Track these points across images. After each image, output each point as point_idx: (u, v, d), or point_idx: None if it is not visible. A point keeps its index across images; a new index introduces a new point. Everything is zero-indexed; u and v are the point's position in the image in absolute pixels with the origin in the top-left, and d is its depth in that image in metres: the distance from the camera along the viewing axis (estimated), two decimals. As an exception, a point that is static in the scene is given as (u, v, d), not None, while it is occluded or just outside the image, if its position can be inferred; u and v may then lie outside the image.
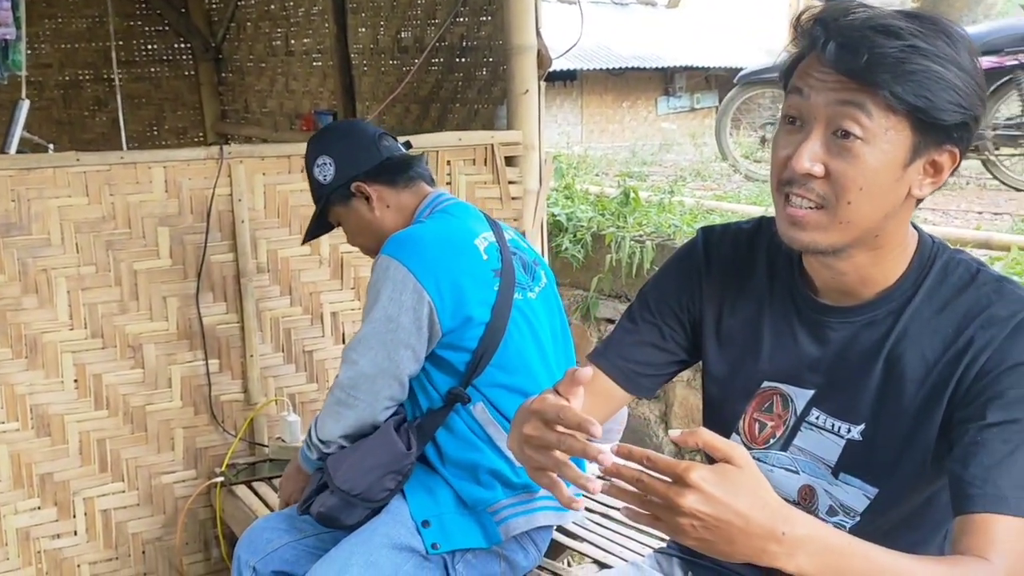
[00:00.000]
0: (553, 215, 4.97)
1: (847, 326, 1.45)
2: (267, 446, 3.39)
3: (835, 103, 1.30)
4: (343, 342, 3.51)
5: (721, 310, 1.59)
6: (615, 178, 6.44)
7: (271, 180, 3.34)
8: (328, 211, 2.57)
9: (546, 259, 3.87)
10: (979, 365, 1.33)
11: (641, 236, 4.62)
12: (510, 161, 3.70)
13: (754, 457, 1.49)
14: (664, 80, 14.16)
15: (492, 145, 3.65)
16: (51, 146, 3.40)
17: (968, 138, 1.34)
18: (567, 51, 4.00)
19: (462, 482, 2.40)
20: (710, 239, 1.63)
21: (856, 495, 1.45)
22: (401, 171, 2.53)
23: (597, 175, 7.45)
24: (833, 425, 1.46)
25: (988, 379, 1.32)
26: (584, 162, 8.22)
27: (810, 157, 1.31)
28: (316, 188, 2.56)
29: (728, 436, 1.56)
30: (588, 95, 13.73)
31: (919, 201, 1.39)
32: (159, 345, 3.23)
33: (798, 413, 1.49)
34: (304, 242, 2.77)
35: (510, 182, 3.69)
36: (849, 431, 1.45)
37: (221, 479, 3.28)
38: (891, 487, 1.42)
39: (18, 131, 3.26)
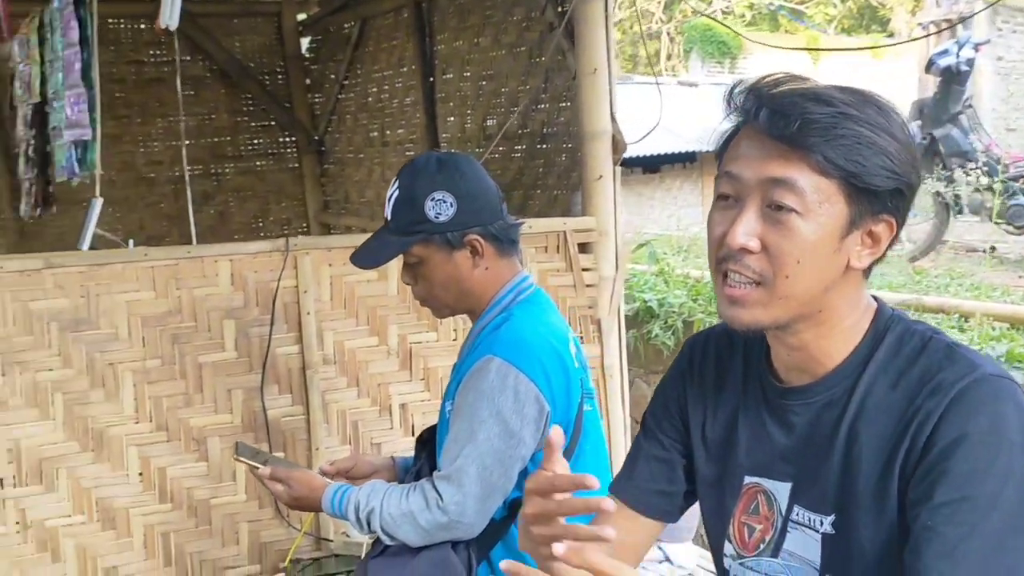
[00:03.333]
0: (645, 301, 4.85)
1: (807, 408, 1.37)
2: (332, 541, 3.33)
3: (768, 178, 1.27)
4: (412, 434, 3.45)
5: (705, 415, 1.53)
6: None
7: (337, 272, 3.33)
8: (412, 247, 2.27)
9: (624, 347, 3.76)
10: (925, 436, 1.24)
11: (732, 322, 4.46)
12: (584, 248, 3.62)
13: (747, 567, 1.41)
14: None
15: (564, 232, 3.58)
16: (130, 242, 3.46)
17: (904, 208, 1.30)
18: (645, 136, 3.91)
19: None
20: (695, 346, 1.59)
21: None
22: (513, 240, 2.34)
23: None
24: (810, 519, 1.35)
25: (934, 452, 1.22)
26: (695, 244, 8.09)
27: (745, 232, 1.27)
28: (419, 221, 2.22)
29: (721, 545, 1.48)
30: (708, 176, 13.66)
31: (866, 273, 1.34)
32: (224, 438, 3.22)
33: (783, 512, 1.39)
34: (368, 267, 2.41)
35: (584, 269, 3.60)
36: (822, 524, 1.34)
37: (284, 575, 3.23)
38: None
39: (91, 228, 3.34)
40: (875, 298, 1.40)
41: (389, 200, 2.30)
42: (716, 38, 22.40)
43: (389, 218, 2.30)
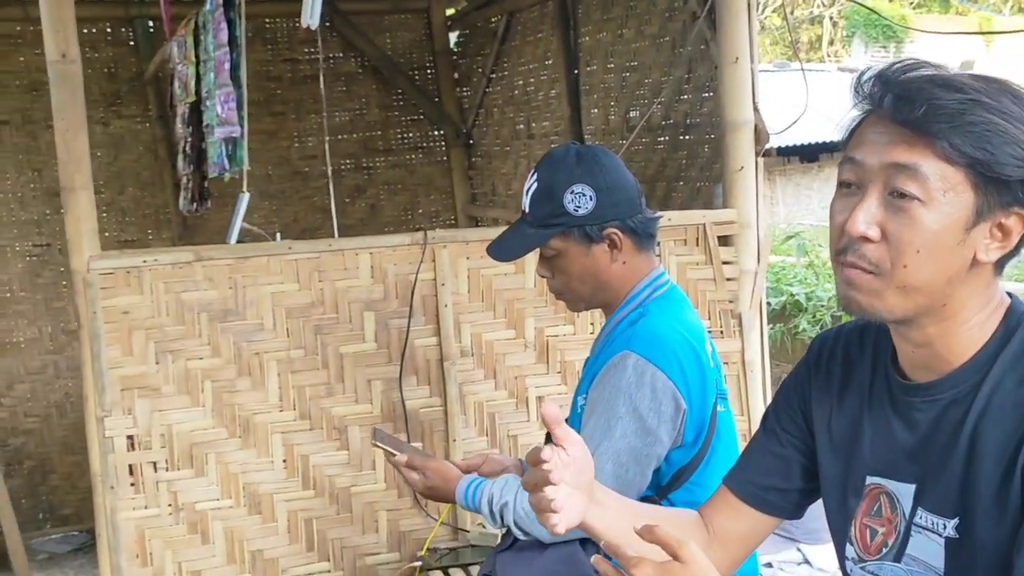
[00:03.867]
0: (792, 294, 4.72)
1: (931, 405, 1.32)
2: (469, 531, 3.36)
3: (891, 163, 1.22)
4: (549, 427, 3.45)
5: (830, 412, 1.49)
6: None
7: (475, 264, 3.36)
8: (550, 240, 2.27)
9: (767, 342, 3.68)
10: None
11: (884, 317, 4.30)
12: (725, 241, 3.55)
13: (869, 572, 1.35)
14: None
15: (704, 225, 3.52)
16: (277, 235, 3.58)
17: None
18: (790, 126, 3.81)
19: None
20: (823, 344, 1.55)
21: None
22: (651, 234, 2.33)
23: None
24: (933, 523, 1.30)
25: None
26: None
27: (865, 220, 1.24)
28: (558, 214, 2.23)
29: (844, 547, 1.44)
30: (869, 165, 13.22)
31: (998, 268, 1.27)
32: (364, 427, 3.29)
33: (907, 516, 1.34)
34: (505, 260, 2.44)
35: (724, 262, 3.53)
36: (945, 528, 1.28)
37: (421, 563, 3.27)
38: None
39: (239, 222, 3.46)
40: (1009, 294, 1.34)
41: (527, 192, 2.30)
42: (880, 22, 21.62)
43: (527, 210, 2.30)
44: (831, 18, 22.78)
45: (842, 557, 1.46)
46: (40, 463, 5.86)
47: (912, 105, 1.21)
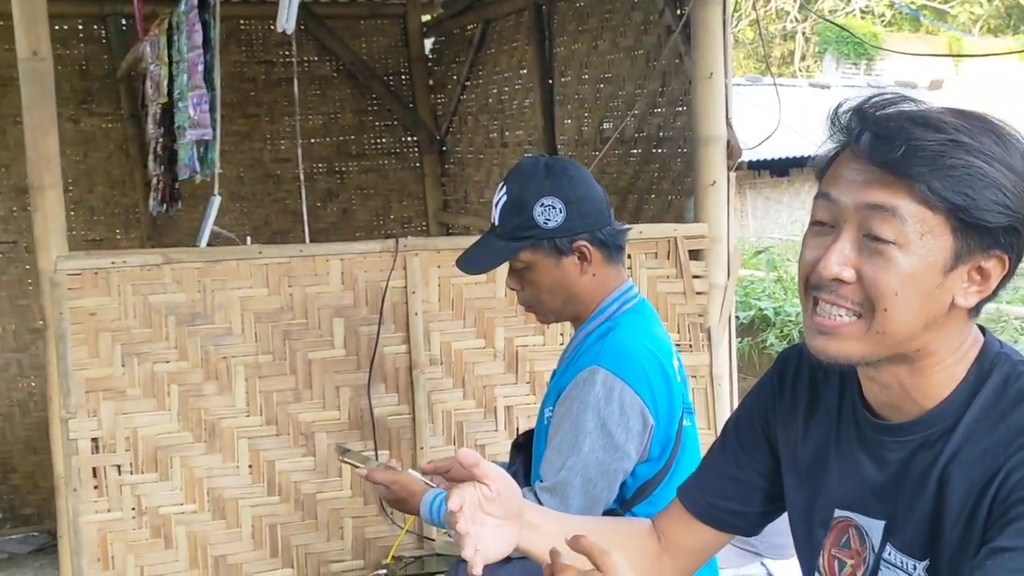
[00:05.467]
0: (760, 309, 4.75)
1: (902, 446, 1.30)
2: (434, 540, 3.36)
3: (866, 203, 1.19)
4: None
5: (796, 438, 1.46)
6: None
7: (446, 273, 3.35)
8: (520, 253, 2.27)
9: (735, 356, 3.70)
10: (1010, 484, 1.17)
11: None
12: (695, 255, 3.57)
13: None
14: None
15: (676, 238, 3.53)
16: (248, 239, 3.56)
17: (1020, 245, 1.19)
18: (763, 142, 3.84)
19: None
20: (787, 362, 1.51)
21: None
22: (620, 246, 2.34)
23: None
24: (903, 562, 1.29)
25: (1012, 499, 1.15)
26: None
27: (839, 261, 1.21)
28: (528, 226, 2.24)
29: (812, 573, 1.43)
30: (838, 181, 13.31)
31: (973, 312, 1.25)
32: (331, 434, 3.28)
33: (875, 549, 1.33)
34: (475, 272, 2.43)
35: (695, 276, 3.55)
36: (915, 568, 1.27)
37: (386, 571, 3.26)
38: None
39: (209, 225, 3.44)
40: (982, 330, 1.31)
41: (496, 205, 2.30)
42: (852, 39, 21.80)
43: (496, 223, 2.30)
44: (803, 34, 22.94)
45: None
46: (1, 462, 5.80)
47: (891, 145, 1.17)
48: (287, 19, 2.93)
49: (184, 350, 3.15)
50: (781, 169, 13.37)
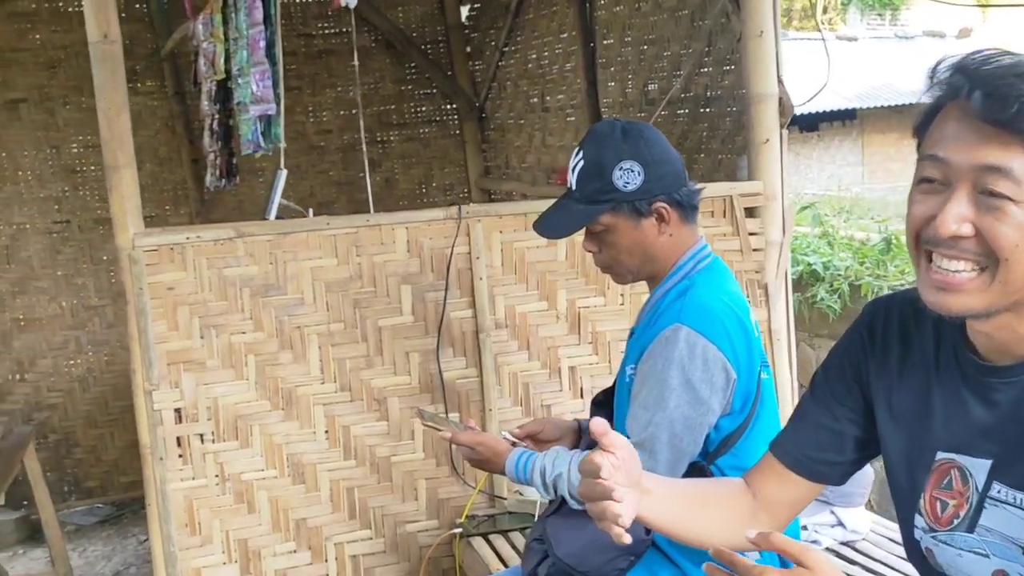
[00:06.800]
0: (809, 264, 4.80)
1: (1013, 387, 1.35)
2: (506, 499, 3.45)
3: (982, 165, 1.22)
4: (581, 396, 3.54)
5: (891, 385, 1.51)
6: (879, 222, 6.15)
7: (508, 238, 3.42)
8: (600, 216, 2.31)
9: (792, 311, 3.75)
10: None
11: (901, 285, 4.38)
12: (751, 212, 3.62)
13: (940, 540, 1.40)
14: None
15: (731, 197, 3.58)
16: (310, 211, 3.63)
17: None
18: (812, 98, 3.87)
19: (688, 563, 2.32)
20: (876, 314, 1.56)
21: None
22: (695, 206, 2.38)
23: (872, 219, 7.15)
24: (1015, 498, 1.33)
25: None
26: (857, 205, 7.91)
27: (956, 219, 1.24)
28: (607, 190, 2.28)
29: (911, 517, 1.47)
30: (869, 134, 13.24)
31: None
32: (402, 398, 3.37)
33: (979, 489, 1.38)
34: (556, 237, 2.46)
35: (751, 234, 3.60)
36: None
37: (460, 530, 3.36)
38: None
39: (277, 198, 3.52)
40: None
41: (573, 170, 2.35)
42: (877, -11, 21.60)
43: (574, 187, 2.35)
44: (825, -15, 22.73)
45: (909, 527, 1.49)
46: (64, 437, 5.95)
47: (1004, 103, 1.19)
48: (352, -7, 2.97)
49: (259, 321, 3.24)
50: (811, 125, 13.35)
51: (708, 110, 4.23)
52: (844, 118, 12.79)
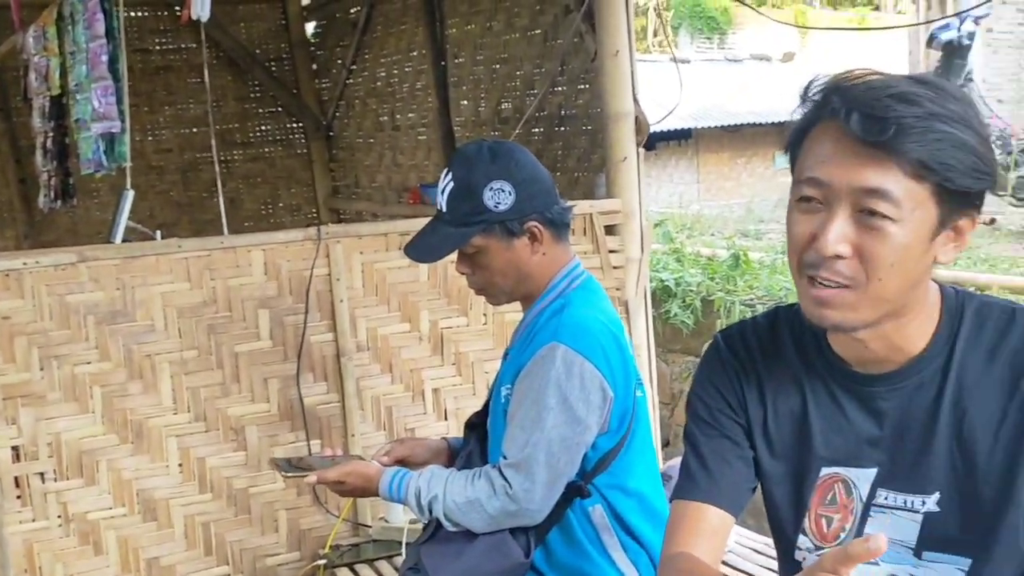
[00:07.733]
0: (661, 280, 4.87)
1: (896, 393, 1.37)
2: (370, 526, 3.35)
3: (860, 185, 1.23)
4: (445, 418, 3.48)
5: (764, 411, 1.49)
6: (726, 239, 6.31)
7: (368, 259, 3.34)
8: (472, 238, 2.25)
9: (651, 327, 3.79)
10: None
11: (751, 300, 4.49)
12: (610, 230, 3.64)
13: None
14: (781, 135, 13.97)
15: (591, 215, 3.59)
16: (158, 233, 3.46)
17: (982, 199, 1.29)
18: (666, 116, 3.93)
19: None
20: (731, 341, 1.53)
21: (948, 571, 1.34)
22: (567, 223, 2.35)
23: (712, 235, 7.33)
24: (905, 502, 1.36)
25: None
26: (699, 222, 8.11)
27: (836, 239, 1.25)
28: (478, 211, 2.22)
29: (795, 539, 1.47)
30: (704, 153, 13.66)
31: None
32: (261, 427, 3.24)
33: (863, 498, 1.39)
34: (429, 261, 2.39)
35: (611, 251, 3.62)
36: (924, 504, 1.35)
37: (324, 561, 3.25)
38: (987, 555, 1.32)
39: (123, 220, 3.34)
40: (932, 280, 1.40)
41: (442, 192, 2.29)
42: (705, 13, 22.36)
43: (444, 209, 2.29)
44: (655, 9, 23.38)
45: (790, 548, 1.47)
46: None
47: (882, 125, 1.21)
48: (202, 6, 2.85)
49: (105, 350, 3.05)
50: (649, 144, 13.67)
51: (563, 129, 4.25)
52: (680, 138, 13.15)
